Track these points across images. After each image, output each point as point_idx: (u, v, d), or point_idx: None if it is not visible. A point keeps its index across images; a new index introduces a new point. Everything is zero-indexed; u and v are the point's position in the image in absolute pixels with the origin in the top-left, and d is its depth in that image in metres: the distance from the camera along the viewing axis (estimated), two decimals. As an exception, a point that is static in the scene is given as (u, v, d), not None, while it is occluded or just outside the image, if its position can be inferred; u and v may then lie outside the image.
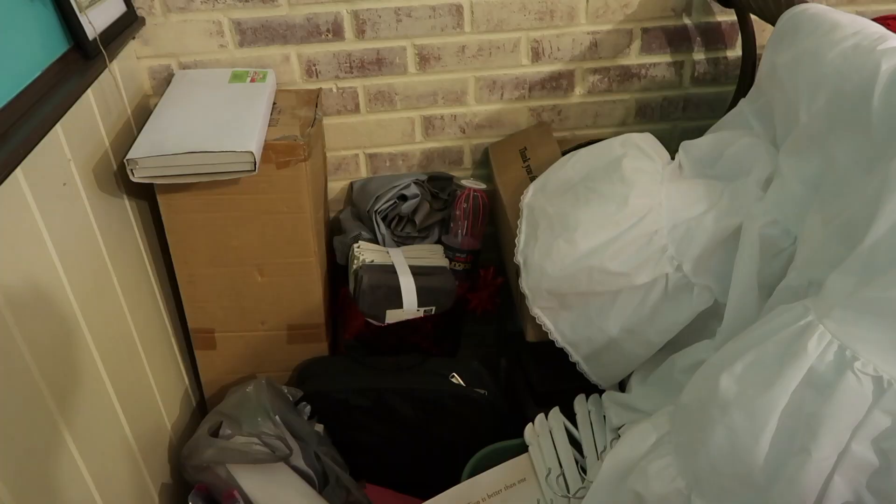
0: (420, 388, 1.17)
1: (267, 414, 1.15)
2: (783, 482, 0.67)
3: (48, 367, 0.82)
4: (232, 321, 1.24)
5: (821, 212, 0.85)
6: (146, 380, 1.14)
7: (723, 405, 0.73)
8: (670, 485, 0.76)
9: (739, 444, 0.70)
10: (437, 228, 1.35)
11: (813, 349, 0.67)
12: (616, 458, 0.83)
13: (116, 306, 1.05)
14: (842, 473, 0.64)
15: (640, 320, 1.03)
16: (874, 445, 0.63)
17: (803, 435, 0.66)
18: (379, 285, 1.19)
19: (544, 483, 0.97)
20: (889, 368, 0.63)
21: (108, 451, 0.98)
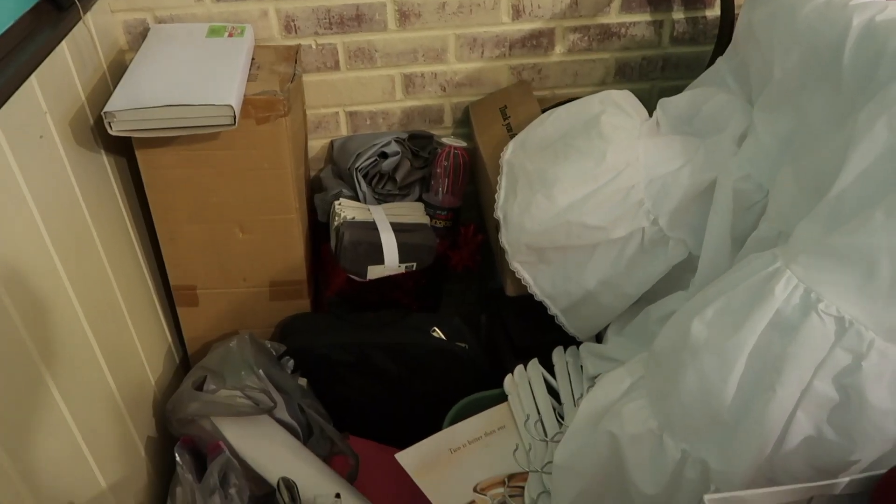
0: (402, 343, 1.19)
1: (250, 368, 1.16)
2: (749, 419, 0.71)
3: (32, 320, 0.83)
4: (214, 278, 1.24)
5: (792, 166, 0.88)
6: (129, 336, 1.14)
7: (694, 349, 0.76)
8: (643, 425, 0.79)
9: (709, 386, 0.74)
10: (417, 186, 1.35)
11: (780, 293, 0.70)
12: (592, 402, 0.86)
13: (98, 263, 1.05)
14: (804, 409, 0.68)
15: (617, 273, 1.05)
16: (835, 382, 0.66)
17: (769, 374, 0.69)
18: (360, 241, 1.20)
19: (523, 428, 1.00)
20: (851, 309, 0.66)
21: (94, 404, 0.99)
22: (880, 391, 0.64)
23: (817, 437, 0.68)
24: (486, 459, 0.98)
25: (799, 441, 0.69)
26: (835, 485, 0.61)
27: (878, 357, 0.64)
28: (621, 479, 0.80)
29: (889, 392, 0.64)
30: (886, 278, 0.64)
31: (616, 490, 0.82)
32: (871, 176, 0.70)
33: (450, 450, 0.99)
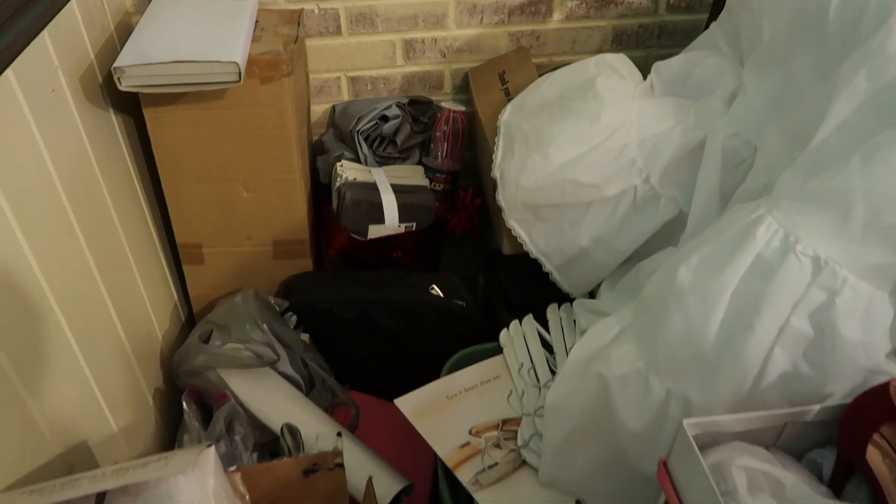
0: (401, 300, 1.23)
1: (255, 322, 1.20)
2: (730, 357, 0.74)
3: (47, 265, 0.86)
4: (219, 236, 1.28)
5: (778, 122, 0.91)
6: (138, 290, 1.18)
7: (679, 293, 0.79)
8: (630, 366, 0.83)
9: (693, 326, 0.77)
10: (417, 150, 1.38)
11: (761, 237, 0.74)
12: (582, 347, 0.90)
13: (107, 217, 1.09)
14: (782, 345, 0.71)
15: (610, 230, 1.09)
16: (810, 319, 0.70)
17: (748, 313, 0.73)
18: (361, 201, 1.23)
19: (516, 375, 1.04)
20: (826, 250, 0.69)
21: (106, 354, 1.03)
22: (852, 325, 0.68)
23: (793, 372, 0.72)
24: (481, 405, 1.02)
25: (776, 376, 0.73)
26: (807, 412, 0.65)
27: (851, 293, 0.68)
28: (609, 418, 0.84)
29: (860, 326, 0.68)
30: (860, 220, 0.68)
31: (603, 429, 0.86)
32: (850, 126, 0.73)
33: (446, 396, 1.03)
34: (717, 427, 0.64)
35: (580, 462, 0.89)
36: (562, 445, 0.89)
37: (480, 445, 0.96)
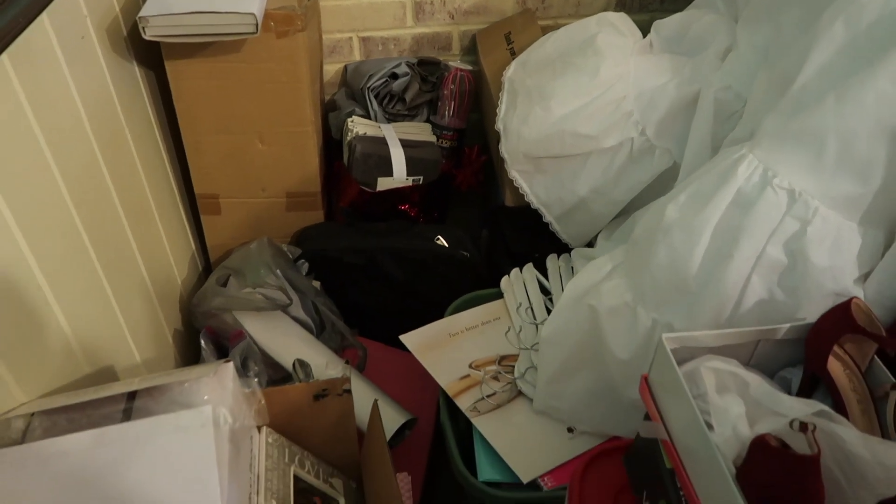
0: (408, 248, 1.29)
1: (269, 268, 1.26)
2: (711, 286, 0.80)
3: (79, 201, 0.93)
4: (235, 187, 1.34)
5: (766, 72, 0.95)
6: (159, 236, 1.25)
7: (666, 228, 0.85)
8: (619, 299, 0.88)
9: (677, 259, 0.83)
10: (425, 109, 1.44)
11: (742, 173, 0.79)
12: (576, 284, 0.95)
13: (132, 164, 1.15)
14: (758, 273, 0.77)
15: (607, 181, 1.14)
16: (785, 247, 0.75)
17: (728, 244, 0.78)
18: (371, 154, 1.29)
19: (515, 314, 1.10)
20: (801, 183, 0.74)
21: (131, 290, 1.09)
22: (822, 252, 0.73)
23: (769, 299, 0.77)
24: (480, 343, 1.08)
25: (753, 303, 0.78)
26: (777, 330, 0.71)
27: (822, 222, 0.73)
28: (599, 349, 0.90)
29: (828, 252, 0.73)
30: (832, 155, 0.73)
31: (594, 359, 0.92)
32: (829, 69, 0.77)
33: (449, 334, 1.10)
34: (693, 342, 0.69)
35: (572, 391, 0.95)
36: (555, 376, 0.95)
37: (479, 377, 1.03)
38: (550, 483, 0.90)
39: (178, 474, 0.66)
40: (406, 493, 1.11)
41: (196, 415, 0.69)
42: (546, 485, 0.90)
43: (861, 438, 0.55)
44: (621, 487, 0.77)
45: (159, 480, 0.66)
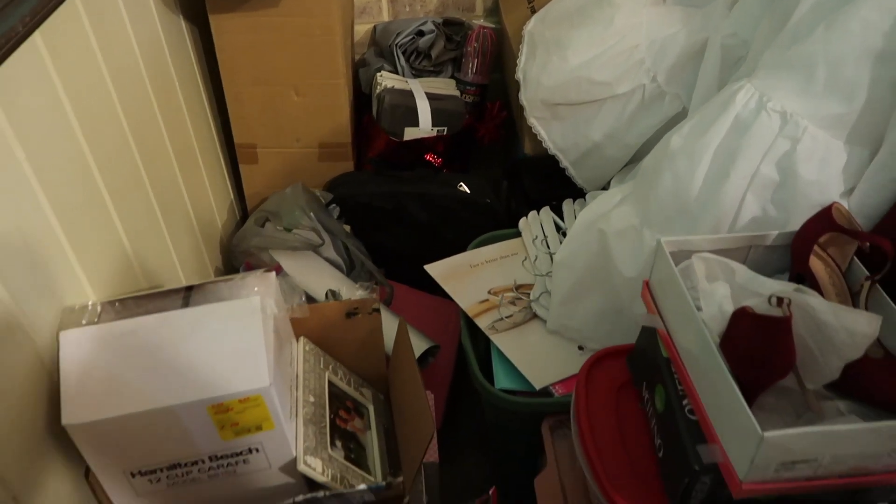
0: (432, 193, 1.38)
1: (303, 211, 1.36)
2: (709, 207, 0.87)
3: (138, 139, 1.03)
4: (271, 137, 1.43)
5: (768, 17, 1.02)
6: (203, 183, 1.35)
7: (671, 155, 0.92)
8: (627, 222, 0.96)
9: (680, 182, 0.90)
10: (450, 66, 1.52)
11: (740, 100, 0.86)
12: (588, 212, 1.03)
13: (180, 114, 1.25)
14: (752, 191, 0.84)
15: (620, 126, 1.21)
16: (777, 165, 0.82)
17: (726, 165, 0.85)
18: (398, 105, 1.38)
19: (531, 245, 1.18)
20: (792, 105, 0.81)
21: (179, 224, 1.19)
22: (810, 167, 0.80)
23: (762, 215, 0.85)
24: (499, 273, 1.16)
25: (748, 220, 0.85)
26: (767, 236, 0.78)
27: (810, 140, 0.80)
28: (608, 270, 0.98)
29: (816, 167, 0.80)
30: (821, 79, 0.80)
31: (603, 281, 1.00)
32: (820, 4, 0.84)
33: (470, 265, 1.18)
34: (689, 246, 0.77)
35: (582, 312, 1.03)
36: (567, 297, 1.04)
37: (497, 301, 1.11)
38: (561, 390, 0.99)
39: (231, 350, 0.76)
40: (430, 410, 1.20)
41: (246, 303, 0.79)
42: (557, 391, 0.99)
43: (829, 307, 0.62)
44: (623, 383, 0.85)
45: (215, 355, 0.75)
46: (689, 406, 0.71)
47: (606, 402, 0.83)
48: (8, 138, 0.71)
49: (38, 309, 0.74)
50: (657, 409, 0.76)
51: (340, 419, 0.95)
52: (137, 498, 0.81)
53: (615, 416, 0.82)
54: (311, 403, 0.91)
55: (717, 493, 0.68)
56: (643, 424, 0.80)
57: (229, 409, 0.75)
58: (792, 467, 0.61)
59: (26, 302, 0.72)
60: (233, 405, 0.75)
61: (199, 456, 0.79)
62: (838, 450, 0.60)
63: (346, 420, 0.96)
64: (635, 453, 0.78)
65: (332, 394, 0.97)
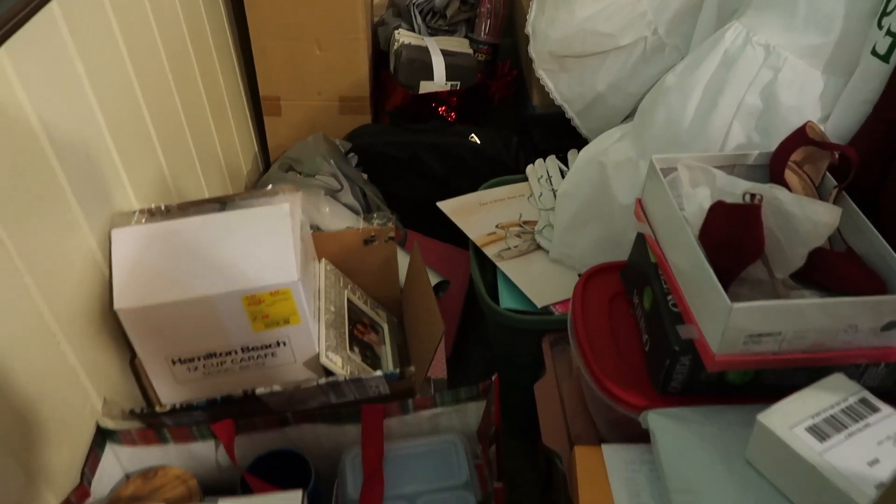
0: (445, 143, 1.46)
1: (324, 158, 1.45)
2: (699, 137, 0.95)
3: (178, 81, 1.12)
4: (294, 90, 1.52)
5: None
6: (231, 131, 1.44)
7: (665, 92, 1.00)
8: (624, 155, 1.04)
9: (673, 116, 0.98)
10: (463, 26, 1.60)
11: (728, 38, 0.94)
12: (589, 148, 1.12)
13: (212, 63, 1.34)
14: (738, 119, 0.92)
15: (623, 77, 1.29)
16: (760, 94, 0.90)
17: (714, 97, 0.93)
18: (415, 59, 1.46)
19: (536, 183, 1.27)
20: (776, 39, 0.89)
21: (209, 165, 1.29)
22: (790, 93, 0.87)
23: (747, 142, 0.92)
24: (506, 210, 1.25)
25: (733, 147, 0.93)
26: (749, 155, 0.85)
27: (790, 70, 0.87)
28: (606, 198, 1.06)
29: (796, 94, 0.87)
30: (801, 13, 0.87)
31: (601, 212, 1.08)
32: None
33: (479, 203, 1.26)
34: (677, 163, 0.85)
35: (582, 241, 1.11)
36: (568, 226, 1.12)
37: (503, 234, 1.19)
38: (560, 310, 1.07)
39: (263, 249, 0.85)
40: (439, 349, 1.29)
41: (277, 209, 0.88)
42: (556, 311, 1.07)
43: (795, 199, 0.70)
44: (615, 294, 0.93)
45: (249, 252, 0.84)
46: (672, 301, 0.79)
47: (600, 309, 0.91)
48: (70, 52, 0.80)
49: (94, 210, 0.83)
50: (645, 309, 0.85)
51: (358, 331, 1.04)
52: (177, 385, 0.90)
53: (608, 321, 0.90)
54: (332, 313, 0.99)
55: (695, 376, 0.76)
56: (633, 329, 0.89)
57: (261, 301, 0.84)
58: (759, 341, 0.69)
59: (85, 203, 0.81)
60: (264, 297, 0.84)
61: (232, 347, 0.88)
62: (799, 324, 0.68)
63: (363, 333, 1.05)
64: (625, 351, 0.86)
65: (350, 310, 1.06)
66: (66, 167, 0.77)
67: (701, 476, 0.69)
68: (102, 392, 0.82)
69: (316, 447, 0.85)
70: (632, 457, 0.80)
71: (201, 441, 0.82)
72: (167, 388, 0.90)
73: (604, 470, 0.80)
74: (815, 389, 0.68)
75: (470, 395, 0.85)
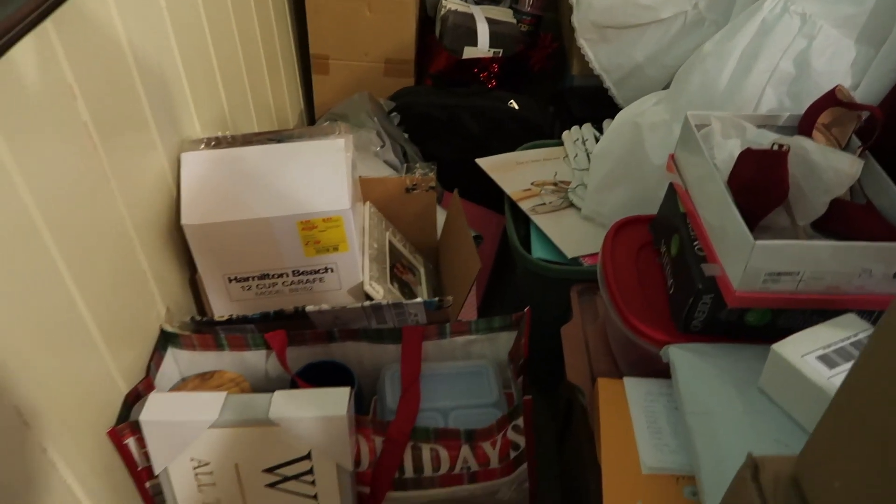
0: (485, 107, 1.52)
1: (368, 115, 1.51)
2: (732, 101, 1.00)
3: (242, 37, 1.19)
4: (343, 50, 1.59)
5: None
6: (281, 84, 1.51)
7: (702, 58, 1.05)
8: (660, 117, 1.09)
9: (708, 81, 1.03)
10: (508, -2, 1.65)
11: (767, 6, 0.98)
12: (626, 111, 1.17)
13: (269, 22, 1.41)
14: (771, 85, 0.96)
15: (661, 48, 1.33)
16: (794, 61, 0.94)
17: (749, 63, 0.98)
18: (460, 25, 1.52)
19: (571, 145, 1.32)
20: (812, 8, 0.93)
21: (263, 112, 1.36)
22: (823, 60, 0.92)
23: (778, 107, 0.97)
24: (542, 170, 1.30)
25: (765, 112, 0.98)
26: (779, 116, 0.90)
27: (824, 37, 0.92)
28: (639, 158, 1.11)
29: (827, 60, 0.92)
30: (839, -16, 0.92)
31: (633, 169, 1.13)
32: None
33: (517, 162, 1.32)
34: (710, 120, 0.90)
35: (613, 200, 1.17)
36: (601, 185, 1.17)
37: (538, 191, 1.25)
38: (589, 262, 1.13)
39: (318, 178, 0.92)
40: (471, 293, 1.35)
41: (332, 142, 0.94)
42: (585, 262, 1.13)
43: (820, 149, 0.75)
44: (643, 245, 0.99)
45: (305, 181, 0.91)
46: (698, 246, 0.84)
47: (628, 257, 0.97)
48: (155, -15, 0.87)
49: (167, 133, 0.90)
50: (672, 255, 0.90)
51: (398, 270, 1.11)
52: (231, 303, 0.97)
53: (635, 268, 0.96)
54: (375, 249, 1.06)
55: (715, 315, 0.82)
56: (658, 276, 0.94)
57: (314, 226, 0.91)
58: (777, 279, 0.74)
59: (161, 126, 0.88)
60: (317, 223, 0.91)
61: (284, 269, 0.95)
62: (816, 265, 0.73)
63: (401, 272, 1.12)
64: (650, 295, 0.91)
65: (390, 250, 1.13)
66: (148, 92, 0.85)
67: (716, 400, 0.75)
68: (166, 301, 0.90)
69: (358, 364, 0.92)
70: (651, 388, 0.86)
71: (254, 349, 0.89)
72: (222, 304, 0.97)
73: (624, 400, 0.86)
74: (827, 325, 0.73)
75: (503, 325, 0.91)
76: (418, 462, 0.77)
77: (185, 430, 0.71)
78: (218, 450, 0.72)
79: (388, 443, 0.76)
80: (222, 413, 0.71)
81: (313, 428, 0.71)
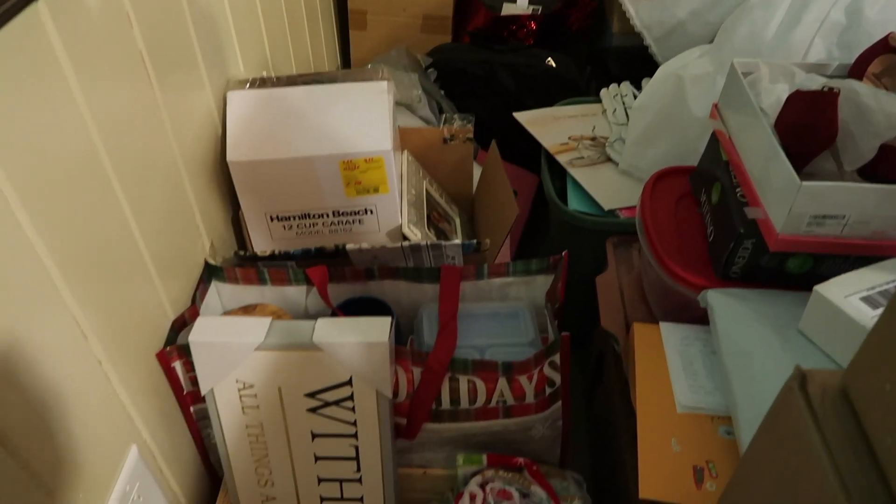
0: (522, 64, 1.51)
1: (404, 70, 1.52)
2: (780, 51, 0.99)
3: None
4: (381, 5, 1.59)
5: None
6: (320, 37, 1.52)
7: (749, 8, 1.03)
8: (703, 69, 1.08)
9: (756, 30, 1.01)
10: (549, -46, 1.63)
11: (820, -45, 0.96)
12: (669, 64, 1.16)
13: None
14: (821, 35, 0.95)
15: (706, 4, 1.31)
16: (846, 10, 0.93)
17: (799, 12, 0.96)
18: (500, -20, 1.51)
19: (609, 100, 1.31)
20: (867, -44, 0.92)
21: (302, 63, 1.37)
22: (875, 8, 0.90)
23: (827, 57, 0.95)
24: (579, 124, 1.30)
25: (814, 62, 0.96)
26: (828, 65, 0.88)
27: (878, -14, 0.90)
28: (680, 111, 1.11)
29: (880, 8, 0.90)
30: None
31: (674, 122, 1.12)
32: None
33: (553, 117, 1.32)
34: (756, 68, 0.89)
35: (652, 154, 1.16)
36: (640, 139, 1.17)
37: (576, 145, 1.25)
38: (626, 214, 1.13)
39: (361, 119, 0.92)
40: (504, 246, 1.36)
41: (376, 85, 0.95)
42: (622, 214, 1.13)
43: (872, 91, 0.74)
44: (682, 195, 0.98)
45: (348, 122, 0.92)
46: (740, 192, 0.84)
47: (667, 206, 0.97)
48: (206, -79, 0.88)
49: (214, 72, 0.92)
50: (712, 203, 0.90)
51: (434, 217, 1.12)
52: (272, 242, 0.99)
53: (673, 217, 0.96)
54: (413, 195, 1.07)
55: (756, 261, 0.82)
56: (697, 225, 0.94)
57: (356, 167, 0.92)
58: (822, 223, 0.74)
59: (209, 64, 0.90)
60: (359, 163, 0.92)
61: (325, 209, 0.97)
62: (863, 209, 0.72)
63: (437, 220, 1.13)
64: (688, 243, 0.91)
65: (427, 198, 1.14)
66: (198, 30, 0.86)
67: (754, 341, 0.75)
68: (210, 236, 0.92)
69: (395, 303, 0.93)
70: (686, 333, 0.86)
71: (295, 285, 0.91)
72: (263, 243, 0.99)
73: (660, 343, 0.86)
74: (871, 268, 0.73)
75: (540, 268, 0.92)
76: (455, 394, 0.79)
77: (231, 352, 0.73)
78: (262, 372, 0.74)
79: (426, 373, 0.77)
80: (268, 336, 0.73)
81: (355, 354, 0.73)
